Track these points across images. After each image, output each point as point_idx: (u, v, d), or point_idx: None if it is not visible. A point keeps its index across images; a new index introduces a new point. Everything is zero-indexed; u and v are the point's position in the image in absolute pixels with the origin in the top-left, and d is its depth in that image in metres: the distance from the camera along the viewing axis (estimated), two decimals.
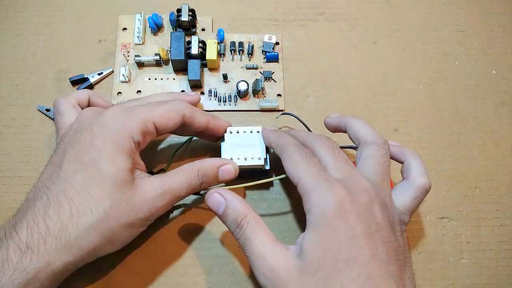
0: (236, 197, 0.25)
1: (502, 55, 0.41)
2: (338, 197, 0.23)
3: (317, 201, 0.23)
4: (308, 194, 0.24)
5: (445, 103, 0.39)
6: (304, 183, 0.24)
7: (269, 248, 0.23)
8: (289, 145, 0.27)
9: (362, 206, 0.23)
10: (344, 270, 0.21)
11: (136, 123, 0.26)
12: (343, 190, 0.23)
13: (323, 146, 0.27)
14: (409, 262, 0.24)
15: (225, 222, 0.25)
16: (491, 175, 0.36)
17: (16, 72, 0.37)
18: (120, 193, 0.25)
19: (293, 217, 0.34)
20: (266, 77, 0.38)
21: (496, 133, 0.38)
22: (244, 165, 0.31)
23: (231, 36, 0.39)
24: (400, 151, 0.29)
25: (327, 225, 0.22)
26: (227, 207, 0.25)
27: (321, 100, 0.38)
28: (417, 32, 0.41)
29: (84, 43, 0.39)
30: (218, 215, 0.26)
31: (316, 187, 0.23)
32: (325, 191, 0.23)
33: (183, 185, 0.27)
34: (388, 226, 0.23)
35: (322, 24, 0.41)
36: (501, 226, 0.35)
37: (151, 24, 0.39)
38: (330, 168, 0.25)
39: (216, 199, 0.26)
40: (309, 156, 0.26)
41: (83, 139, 0.26)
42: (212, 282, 0.31)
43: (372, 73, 0.39)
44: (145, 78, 0.38)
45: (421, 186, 0.27)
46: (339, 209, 0.22)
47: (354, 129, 0.28)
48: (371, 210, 0.23)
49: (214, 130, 0.31)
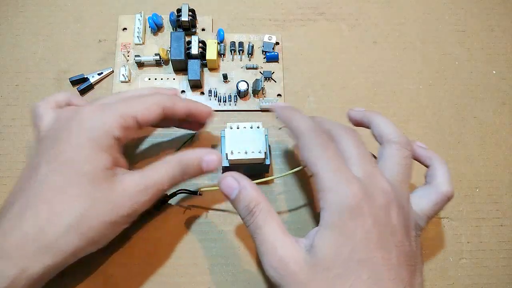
0: (250, 183, 0.25)
1: (502, 55, 0.41)
2: (357, 198, 0.22)
3: (334, 201, 0.22)
4: (325, 191, 0.23)
5: (445, 103, 0.39)
6: (322, 179, 0.23)
7: (280, 240, 0.23)
8: (307, 131, 0.25)
9: (379, 208, 0.23)
10: (355, 271, 0.21)
11: (114, 119, 0.25)
12: (361, 190, 0.22)
13: (349, 139, 0.25)
14: (420, 268, 0.23)
15: (237, 208, 0.25)
16: (491, 175, 0.36)
17: (16, 72, 0.37)
18: (100, 191, 0.24)
19: (293, 215, 0.34)
20: (266, 77, 0.38)
21: (496, 133, 0.38)
22: (245, 158, 0.31)
23: (231, 36, 0.39)
24: (427, 154, 0.28)
25: (343, 225, 0.22)
26: (240, 193, 0.24)
27: (321, 100, 0.38)
28: (417, 32, 0.41)
29: (84, 43, 0.39)
30: (230, 199, 0.25)
31: (334, 186, 0.23)
32: (344, 191, 0.22)
33: (165, 178, 0.26)
34: (403, 229, 0.23)
35: (322, 24, 0.41)
36: (501, 226, 0.35)
37: (151, 24, 0.39)
38: (352, 163, 0.24)
39: (230, 183, 0.25)
40: (329, 146, 0.24)
41: (61, 138, 0.25)
42: (212, 282, 0.31)
43: (372, 73, 0.39)
44: (145, 78, 0.38)
45: (444, 193, 0.26)
46: (356, 211, 0.22)
47: (379, 126, 0.28)
48: (387, 213, 0.23)
49: (196, 116, 0.30)
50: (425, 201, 0.26)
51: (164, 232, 0.33)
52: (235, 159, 0.31)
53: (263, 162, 0.32)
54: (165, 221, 0.33)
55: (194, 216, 0.33)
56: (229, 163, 0.31)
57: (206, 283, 0.31)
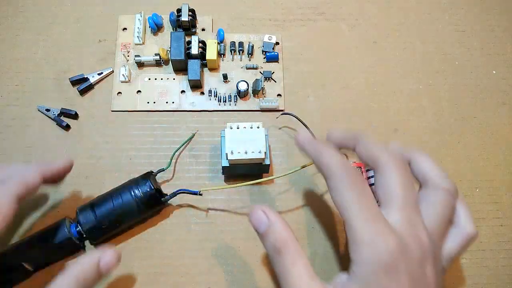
0: (280, 219, 0.24)
1: (502, 55, 0.41)
2: (393, 255, 0.20)
3: (368, 256, 0.21)
4: (358, 244, 0.21)
5: (445, 103, 0.39)
6: (354, 229, 0.21)
7: (306, 285, 0.22)
8: (339, 170, 0.23)
9: (416, 263, 0.21)
10: None
11: None
12: (398, 245, 0.21)
13: (397, 175, 0.23)
14: None
15: (264, 243, 0.24)
16: (491, 175, 0.36)
17: (16, 72, 0.37)
18: None
19: (293, 216, 0.34)
20: (266, 77, 0.38)
21: (496, 133, 0.38)
22: (245, 158, 0.31)
23: (231, 36, 0.39)
24: None
25: (376, 282, 0.20)
26: (269, 229, 0.23)
27: (321, 100, 0.38)
28: (417, 32, 0.41)
29: (84, 43, 0.39)
30: (258, 233, 0.24)
31: (368, 239, 0.21)
32: (379, 247, 0.20)
33: None
34: (435, 283, 0.22)
35: (322, 24, 0.41)
36: (501, 226, 0.35)
37: (151, 24, 0.39)
38: (392, 206, 0.22)
39: (259, 217, 0.24)
40: (364, 190, 0.22)
41: None
42: (212, 282, 0.31)
43: (372, 73, 0.39)
44: (145, 78, 0.38)
45: (470, 235, 0.24)
46: (392, 268, 0.20)
47: (422, 166, 0.25)
48: (423, 268, 0.21)
49: (55, 176, 0.29)
50: (453, 243, 0.24)
51: (164, 232, 0.33)
52: (235, 159, 0.31)
53: (263, 162, 0.32)
54: (165, 221, 0.33)
55: (194, 216, 0.33)
56: (229, 163, 0.31)
57: (206, 283, 0.31)
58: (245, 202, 0.34)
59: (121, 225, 0.31)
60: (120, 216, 0.30)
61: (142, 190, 0.30)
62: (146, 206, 0.31)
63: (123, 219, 0.30)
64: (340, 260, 0.33)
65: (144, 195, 0.30)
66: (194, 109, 0.37)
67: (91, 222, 0.29)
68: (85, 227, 0.29)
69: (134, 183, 0.31)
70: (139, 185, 0.31)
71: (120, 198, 0.30)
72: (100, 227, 0.30)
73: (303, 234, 0.33)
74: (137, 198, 0.30)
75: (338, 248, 0.33)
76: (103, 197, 0.31)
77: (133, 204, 0.30)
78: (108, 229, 0.30)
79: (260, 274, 0.32)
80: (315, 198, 0.35)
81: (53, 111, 0.36)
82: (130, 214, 0.30)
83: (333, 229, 0.34)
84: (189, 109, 0.37)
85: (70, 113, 0.36)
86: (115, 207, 0.30)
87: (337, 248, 0.33)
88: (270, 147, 0.36)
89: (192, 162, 0.35)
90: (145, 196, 0.30)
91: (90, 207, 0.30)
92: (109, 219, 0.30)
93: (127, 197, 0.30)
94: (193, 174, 0.35)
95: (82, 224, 0.29)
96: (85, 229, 0.29)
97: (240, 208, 0.34)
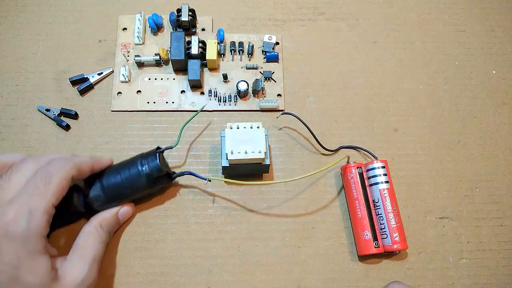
0: None
1: (502, 55, 0.41)
2: None
3: None
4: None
5: (445, 103, 0.39)
6: None
7: None
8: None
9: None
10: None
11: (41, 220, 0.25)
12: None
13: None
14: None
15: None
16: (491, 175, 0.36)
17: (16, 72, 0.37)
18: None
19: (293, 216, 0.34)
20: (266, 77, 0.38)
21: (496, 133, 0.38)
22: (245, 158, 0.31)
23: (231, 36, 0.39)
24: None
25: None
26: None
27: (321, 100, 0.38)
28: (417, 32, 0.41)
29: (84, 43, 0.39)
30: None
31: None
32: None
33: (99, 247, 0.28)
34: None
35: (322, 24, 0.41)
36: (501, 226, 0.35)
37: (151, 24, 0.39)
38: None
39: None
40: None
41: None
42: (212, 282, 0.31)
43: (372, 73, 0.39)
44: (145, 78, 0.38)
45: None
46: None
47: None
48: None
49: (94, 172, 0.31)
50: None
51: (164, 232, 0.33)
52: (235, 159, 0.31)
53: (263, 162, 0.32)
54: (165, 221, 0.33)
55: (194, 216, 0.33)
56: (229, 163, 0.31)
57: (206, 283, 0.31)
58: (245, 202, 0.34)
59: (127, 198, 0.32)
60: (126, 189, 0.31)
61: (149, 165, 0.31)
62: (153, 181, 0.31)
63: (129, 192, 0.31)
64: (340, 260, 0.33)
65: (151, 170, 0.31)
66: (194, 109, 0.37)
67: (98, 192, 0.30)
68: (91, 198, 0.30)
69: (142, 157, 0.31)
70: (147, 159, 0.31)
71: (128, 171, 0.31)
72: (106, 198, 0.30)
73: (303, 234, 0.33)
74: (144, 172, 0.30)
75: (338, 248, 0.33)
76: (111, 169, 0.31)
77: (140, 178, 0.30)
78: (114, 201, 0.31)
79: (260, 274, 0.32)
80: (315, 198, 0.35)
81: (53, 111, 0.36)
82: (136, 187, 0.31)
83: (334, 229, 0.34)
84: (189, 109, 0.37)
85: (70, 113, 0.36)
86: (122, 180, 0.30)
87: (337, 248, 0.33)
88: (270, 147, 0.36)
89: (192, 162, 0.35)
90: (152, 170, 0.31)
91: (97, 178, 0.31)
92: (115, 191, 0.30)
93: (134, 171, 0.31)
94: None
95: (88, 194, 0.30)
96: (91, 199, 0.30)
97: (240, 208, 0.34)
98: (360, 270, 0.32)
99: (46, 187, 0.26)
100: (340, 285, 0.32)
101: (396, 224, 0.31)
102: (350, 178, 0.33)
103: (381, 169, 0.33)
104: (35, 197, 0.25)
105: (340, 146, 0.36)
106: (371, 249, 0.31)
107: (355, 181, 0.33)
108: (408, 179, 0.36)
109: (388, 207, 0.32)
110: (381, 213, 0.32)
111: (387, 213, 0.32)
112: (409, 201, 0.35)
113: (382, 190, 0.32)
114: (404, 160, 0.36)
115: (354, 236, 0.33)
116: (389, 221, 0.31)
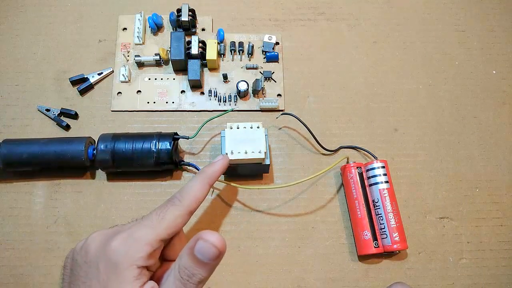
0: None
1: (502, 55, 0.41)
2: None
3: None
4: None
5: (445, 103, 0.39)
6: None
7: None
8: None
9: None
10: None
11: (140, 251, 0.24)
12: None
13: None
14: None
15: None
16: (491, 175, 0.36)
17: (16, 72, 0.37)
18: None
19: (293, 216, 0.34)
20: (266, 77, 0.38)
21: (496, 133, 0.38)
22: (244, 158, 0.31)
23: (231, 36, 0.39)
24: None
25: None
26: None
27: (321, 100, 0.38)
28: (417, 32, 0.41)
29: (84, 43, 0.39)
30: None
31: None
32: None
33: None
34: None
35: (322, 24, 0.41)
36: (501, 226, 0.35)
37: (151, 24, 0.39)
38: None
39: None
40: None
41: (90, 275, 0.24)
42: (212, 282, 0.31)
43: (372, 73, 0.39)
44: (145, 78, 0.38)
45: None
46: None
47: None
48: None
49: None
50: None
51: None
52: (235, 159, 0.31)
53: (263, 162, 0.32)
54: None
55: (194, 216, 0.33)
56: (229, 163, 0.31)
57: (206, 283, 0.31)
58: (245, 202, 0.34)
59: (132, 167, 0.33)
60: (134, 161, 0.32)
61: (162, 149, 0.32)
62: (160, 163, 0.32)
63: (136, 165, 0.32)
64: (340, 260, 0.33)
65: (163, 153, 0.32)
66: (194, 109, 0.37)
67: (107, 151, 0.31)
68: (100, 154, 0.31)
69: (158, 137, 0.32)
70: (162, 143, 0.32)
71: (141, 147, 0.32)
72: (113, 160, 0.31)
73: (303, 234, 0.33)
74: (155, 153, 0.32)
75: (338, 248, 0.33)
76: (128, 135, 0.33)
77: (150, 157, 0.32)
78: (119, 165, 0.32)
79: (260, 274, 0.32)
80: (315, 198, 0.35)
81: (53, 111, 0.36)
82: (143, 164, 0.32)
83: (333, 229, 0.34)
84: (189, 109, 0.37)
85: (70, 113, 0.36)
86: (133, 152, 0.32)
87: (337, 248, 0.33)
88: (270, 147, 0.36)
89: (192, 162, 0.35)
90: (163, 154, 0.32)
91: (112, 139, 0.32)
92: (123, 160, 0.32)
93: (147, 148, 0.32)
94: (193, 174, 0.35)
95: (98, 150, 0.31)
96: (99, 155, 0.31)
97: (240, 208, 0.34)
98: (360, 270, 0.32)
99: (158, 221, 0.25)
100: (340, 285, 0.32)
101: (396, 224, 0.31)
102: (350, 178, 0.33)
103: (381, 169, 0.33)
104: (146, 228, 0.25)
105: (340, 146, 0.36)
106: (371, 249, 0.31)
107: (355, 181, 0.33)
108: (408, 179, 0.36)
109: (388, 207, 0.32)
110: (381, 213, 0.32)
111: (387, 213, 0.32)
112: (409, 201, 0.35)
113: (382, 190, 0.32)
114: (404, 160, 0.36)
115: (354, 236, 0.33)
116: (389, 221, 0.31)
